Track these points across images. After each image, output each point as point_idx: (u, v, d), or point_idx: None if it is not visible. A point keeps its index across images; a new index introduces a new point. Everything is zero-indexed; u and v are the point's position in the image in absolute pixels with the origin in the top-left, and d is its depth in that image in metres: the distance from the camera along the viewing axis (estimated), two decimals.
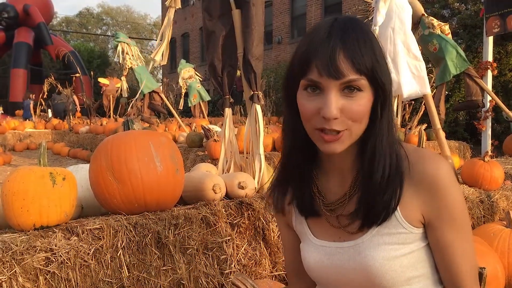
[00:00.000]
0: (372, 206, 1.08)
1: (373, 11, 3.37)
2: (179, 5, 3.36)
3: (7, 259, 1.69)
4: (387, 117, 1.08)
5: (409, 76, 3.23)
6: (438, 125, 3.48)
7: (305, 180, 1.21)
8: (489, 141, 6.90)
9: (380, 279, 1.09)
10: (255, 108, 2.79)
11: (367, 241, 1.11)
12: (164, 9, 32.44)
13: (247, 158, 2.98)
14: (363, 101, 1.03)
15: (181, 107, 12.78)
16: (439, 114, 4.75)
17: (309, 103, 1.05)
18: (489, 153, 3.32)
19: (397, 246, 1.09)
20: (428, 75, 3.88)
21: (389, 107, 1.08)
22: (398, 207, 1.09)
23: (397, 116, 9.09)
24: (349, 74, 1.00)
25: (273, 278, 2.35)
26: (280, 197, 1.27)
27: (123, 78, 9.50)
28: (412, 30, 3.54)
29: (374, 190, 1.08)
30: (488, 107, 6.49)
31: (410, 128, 7.62)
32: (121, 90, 9.77)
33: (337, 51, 1.00)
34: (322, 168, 1.21)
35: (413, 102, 8.79)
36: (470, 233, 1.14)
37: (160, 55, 3.50)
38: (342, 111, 1.02)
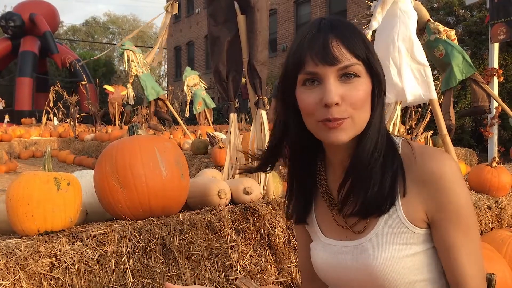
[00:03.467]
0: (369, 199, 1.07)
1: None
2: (176, 11, 3.41)
3: (11, 264, 1.68)
4: (381, 106, 1.10)
5: (413, 81, 3.22)
6: (445, 131, 3.46)
7: (314, 181, 1.21)
8: (496, 148, 6.87)
9: (383, 280, 1.08)
10: (260, 113, 2.78)
11: (370, 240, 1.10)
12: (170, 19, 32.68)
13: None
14: (362, 87, 1.04)
15: (187, 114, 12.80)
16: (450, 120, 4.73)
17: (309, 96, 1.05)
18: (497, 159, 3.29)
19: (400, 246, 1.07)
20: (434, 81, 3.86)
21: (383, 96, 1.10)
22: (401, 206, 1.07)
23: (402, 123, 9.09)
24: (344, 60, 1.02)
25: (279, 285, 2.33)
26: (294, 205, 1.27)
27: (129, 85, 9.53)
28: (417, 36, 3.53)
29: (366, 178, 1.07)
30: (494, 113, 6.47)
31: (416, 135, 7.59)
32: (127, 97, 9.79)
33: (329, 39, 1.03)
34: (329, 168, 1.20)
35: (419, 109, 8.77)
36: (477, 235, 1.09)
37: (151, 57, 3.58)
38: (343, 98, 1.02)
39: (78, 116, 15.65)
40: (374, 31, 3.29)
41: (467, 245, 1.06)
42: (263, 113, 2.79)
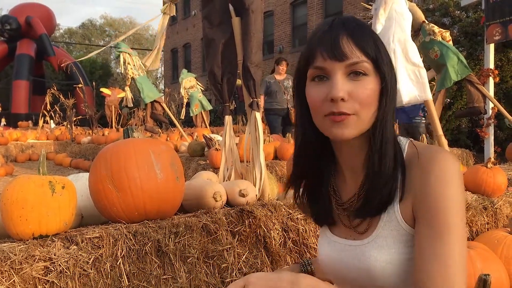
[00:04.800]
0: (372, 200, 1.08)
1: (372, 18, 3.37)
2: (173, 13, 3.40)
3: (5, 269, 1.67)
4: (391, 106, 1.09)
5: (408, 82, 3.22)
6: (440, 132, 3.47)
7: (322, 179, 1.22)
8: (492, 148, 6.89)
9: (383, 282, 1.08)
10: (255, 115, 2.78)
11: (372, 242, 1.11)
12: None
13: (247, 165, 2.96)
14: (370, 85, 1.05)
15: (182, 116, 12.79)
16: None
17: (317, 91, 1.07)
18: (492, 159, 3.29)
19: (401, 249, 1.08)
20: (430, 82, 3.86)
21: (393, 96, 1.09)
22: (399, 208, 1.07)
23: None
24: (352, 56, 1.03)
25: None
26: (297, 192, 1.28)
27: (126, 88, 9.51)
28: (413, 37, 3.53)
29: (382, 179, 1.07)
30: (490, 114, 6.48)
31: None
32: (125, 100, 9.78)
33: (339, 35, 1.04)
34: (338, 167, 1.21)
35: None
36: (455, 241, 0.97)
37: (151, 60, 3.57)
38: (350, 95, 1.03)
39: (74, 119, 15.63)
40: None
41: (437, 248, 0.97)
42: (257, 114, 2.79)
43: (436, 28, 4.29)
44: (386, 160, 1.07)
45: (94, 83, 20.32)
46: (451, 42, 4.47)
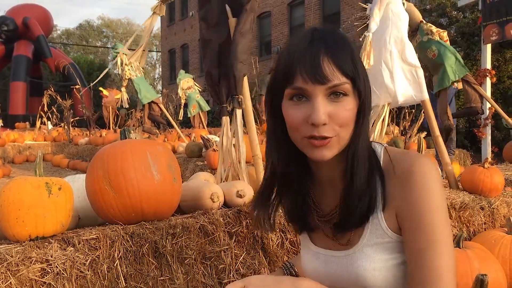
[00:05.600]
0: (350, 213, 1.07)
1: (368, 18, 3.37)
2: (163, 13, 3.42)
3: (2, 271, 1.67)
4: (366, 123, 1.08)
5: (404, 82, 3.23)
6: (437, 132, 3.47)
7: (299, 192, 1.20)
8: (489, 148, 6.91)
9: None
10: (235, 113, 2.81)
11: (358, 251, 1.10)
12: (164, 22, 32.66)
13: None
14: (350, 106, 1.03)
15: (180, 117, 12.79)
16: (448, 120, 4.74)
17: (296, 112, 1.04)
18: (489, 159, 3.30)
19: (388, 256, 1.08)
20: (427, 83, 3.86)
21: (368, 111, 1.08)
22: (383, 216, 1.07)
23: (396, 124, 9.11)
24: (334, 79, 1.00)
25: None
26: (267, 213, 1.23)
27: (123, 89, 9.51)
28: (410, 37, 3.54)
29: (355, 196, 1.06)
30: (487, 114, 6.49)
31: (410, 136, 7.62)
32: (121, 101, 9.78)
33: (320, 56, 1.01)
34: (316, 179, 1.20)
35: (413, 110, 8.80)
36: (445, 250, 1.00)
37: (135, 57, 3.61)
38: (330, 117, 1.01)
39: (72, 120, 15.61)
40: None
41: (426, 259, 0.99)
42: (238, 112, 2.80)
43: (433, 28, 4.30)
44: (359, 176, 1.06)
45: (91, 84, 20.30)
46: (448, 42, 4.49)
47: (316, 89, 1.01)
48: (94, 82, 7.97)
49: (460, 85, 4.97)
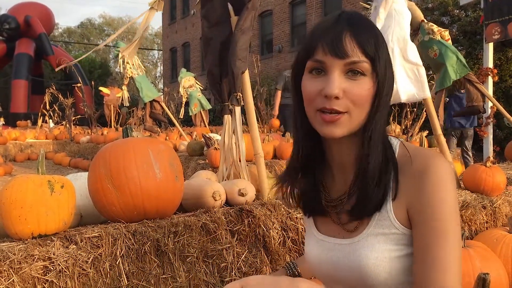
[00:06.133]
0: (366, 200, 1.08)
1: (371, 17, 3.37)
2: (161, 9, 3.40)
3: (4, 268, 1.67)
4: (383, 110, 1.09)
5: (406, 80, 3.22)
6: (439, 131, 3.46)
7: (312, 174, 1.22)
8: (491, 147, 6.89)
9: (373, 280, 1.08)
10: (234, 110, 2.81)
11: (362, 240, 1.11)
12: (165, 20, 32.64)
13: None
14: (366, 86, 1.05)
15: (181, 116, 12.78)
16: (438, 119, 4.73)
17: (312, 84, 1.06)
18: (491, 158, 3.29)
19: (392, 247, 1.08)
20: (429, 82, 3.85)
21: (385, 98, 1.09)
22: (392, 208, 1.08)
23: (398, 123, 9.10)
24: (353, 55, 1.03)
25: None
26: (290, 188, 1.27)
27: (124, 87, 9.51)
28: (412, 36, 3.53)
29: (369, 183, 1.07)
30: (489, 113, 6.48)
31: (411, 135, 7.61)
32: (122, 99, 9.77)
33: (343, 32, 1.03)
34: (328, 164, 1.21)
35: (414, 109, 8.78)
36: (454, 248, 1.00)
37: (128, 51, 3.64)
38: (345, 92, 1.03)
39: (73, 118, 15.62)
40: None
41: (436, 255, 1.00)
42: (237, 109, 2.81)
43: (435, 27, 4.28)
44: (375, 161, 1.07)
45: (93, 83, 20.31)
46: (450, 41, 4.47)
47: (334, 62, 1.03)
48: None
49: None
